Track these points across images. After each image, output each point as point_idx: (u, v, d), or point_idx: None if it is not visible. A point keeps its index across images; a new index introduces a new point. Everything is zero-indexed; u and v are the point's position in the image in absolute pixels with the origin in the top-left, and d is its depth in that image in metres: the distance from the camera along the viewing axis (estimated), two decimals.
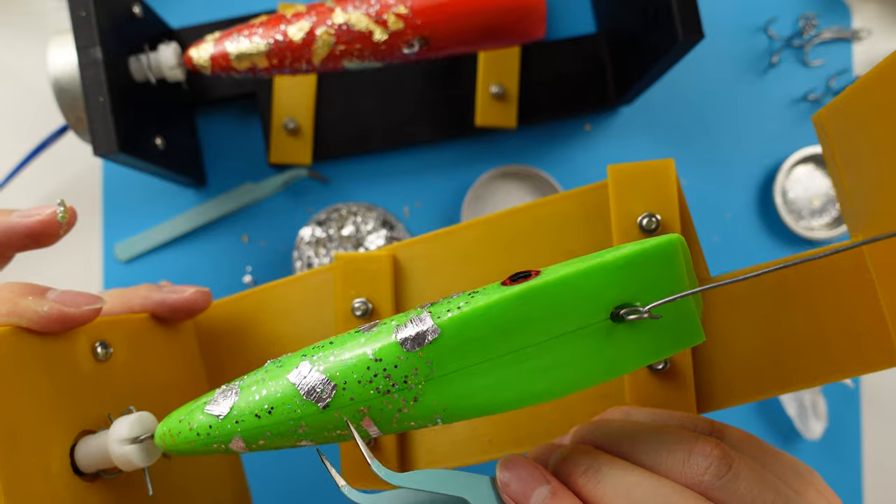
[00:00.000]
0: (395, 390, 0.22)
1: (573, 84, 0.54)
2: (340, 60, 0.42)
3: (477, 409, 0.22)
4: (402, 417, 0.23)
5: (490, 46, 0.45)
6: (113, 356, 0.29)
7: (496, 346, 0.22)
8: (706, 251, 0.33)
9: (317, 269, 0.35)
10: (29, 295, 0.25)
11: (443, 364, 0.22)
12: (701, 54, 0.56)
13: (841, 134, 0.27)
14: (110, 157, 0.42)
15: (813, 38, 0.56)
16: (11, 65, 0.57)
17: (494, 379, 0.22)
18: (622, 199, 0.30)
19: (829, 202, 0.55)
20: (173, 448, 0.25)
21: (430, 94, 0.54)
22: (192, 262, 0.55)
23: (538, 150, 0.56)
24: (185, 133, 0.53)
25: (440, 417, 0.22)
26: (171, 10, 0.56)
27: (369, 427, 0.23)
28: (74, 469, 0.26)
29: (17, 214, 0.27)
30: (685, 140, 0.56)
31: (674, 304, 0.23)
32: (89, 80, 0.41)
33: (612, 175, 0.30)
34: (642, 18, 0.46)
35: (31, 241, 0.27)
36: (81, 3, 0.40)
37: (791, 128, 0.56)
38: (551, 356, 0.22)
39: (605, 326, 0.22)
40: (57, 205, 0.27)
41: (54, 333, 0.26)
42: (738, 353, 0.30)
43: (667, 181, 0.30)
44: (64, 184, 0.56)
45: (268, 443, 0.24)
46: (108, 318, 0.29)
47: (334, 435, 0.23)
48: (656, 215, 0.29)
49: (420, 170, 0.56)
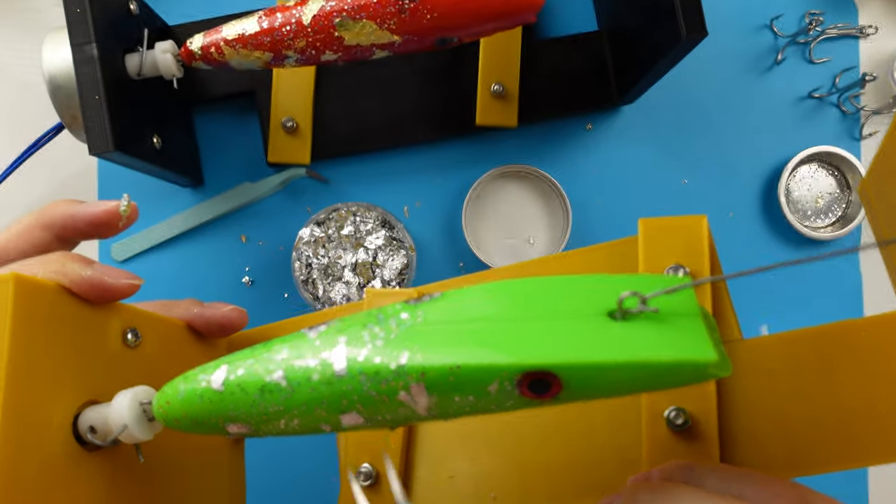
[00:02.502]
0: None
1: (574, 83, 0.53)
2: (331, 19, 0.41)
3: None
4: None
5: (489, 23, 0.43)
6: (141, 346, 0.30)
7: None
8: None
9: (351, 304, 0.36)
10: (77, 261, 0.27)
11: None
12: (704, 52, 0.55)
13: (880, 194, 0.26)
14: (106, 157, 0.41)
15: (819, 35, 0.55)
16: (6, 62, 0.57)
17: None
18: (651, 252, 0.29)
19: (834, 202, 0.55)
20: (170, 412, 0.25)
21: (430, 93, 0.54)
22: (190, 262, 0.54)
23: (539, 150, 0.55)
24: (183, 132, 0.53)
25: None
26: (168, 7, 0.55)
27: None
28: (76, 436, 0.26)
29: (85, 204, 0.31)
30: (688, 139, 0.56)
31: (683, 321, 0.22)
32: (84, 77, 0.40)
33: (643, 228, 0.30)
34: (644, 16, 0.45)
35: (93, 230, 0.31)
36: (76, 0, 0.40)
37: (796, 126, 0.55)
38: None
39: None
40: (121, 199, 0.31)
41: (92, 301, 0.28)
42: (774, 424, 0.27)
43: (698, 235, 0.29)
44: (59, 183, 0.56)
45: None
46: (145, 312, 0.31)
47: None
48: (684, 267, 0.29)
49: (420, 170, 0.55)
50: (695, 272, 0.28)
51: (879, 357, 0.25)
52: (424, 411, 0.22)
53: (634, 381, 0.21)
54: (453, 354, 0.21)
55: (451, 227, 0.55)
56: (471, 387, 0.21)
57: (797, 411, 0.27)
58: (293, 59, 0.42)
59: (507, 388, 0.21)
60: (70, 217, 0.30)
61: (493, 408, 0.22)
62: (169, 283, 0.54)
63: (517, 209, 0.54)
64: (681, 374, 0.21)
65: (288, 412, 0.23)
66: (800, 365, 0.27)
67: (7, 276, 0.24)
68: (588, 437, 0.31)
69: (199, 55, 0.42)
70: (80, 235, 0.31)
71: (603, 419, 0.31)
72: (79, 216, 0.30)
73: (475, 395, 0.21)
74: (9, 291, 0.24)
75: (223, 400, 0.23)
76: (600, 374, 0.21)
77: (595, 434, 0.31)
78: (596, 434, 0.31)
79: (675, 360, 0.21)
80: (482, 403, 0.21)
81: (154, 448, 0.30)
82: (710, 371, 0.21)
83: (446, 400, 0.21)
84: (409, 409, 0.22)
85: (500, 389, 0.21)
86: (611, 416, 0.30)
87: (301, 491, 0.53)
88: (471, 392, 0.21)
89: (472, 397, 0.21)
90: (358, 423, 0.23)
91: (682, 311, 0.23)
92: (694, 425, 0.28)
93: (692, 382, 0.22)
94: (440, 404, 0.21)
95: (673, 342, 0.21)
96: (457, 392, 0.21)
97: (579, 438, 0.31)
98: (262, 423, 0.23)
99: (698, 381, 0.22)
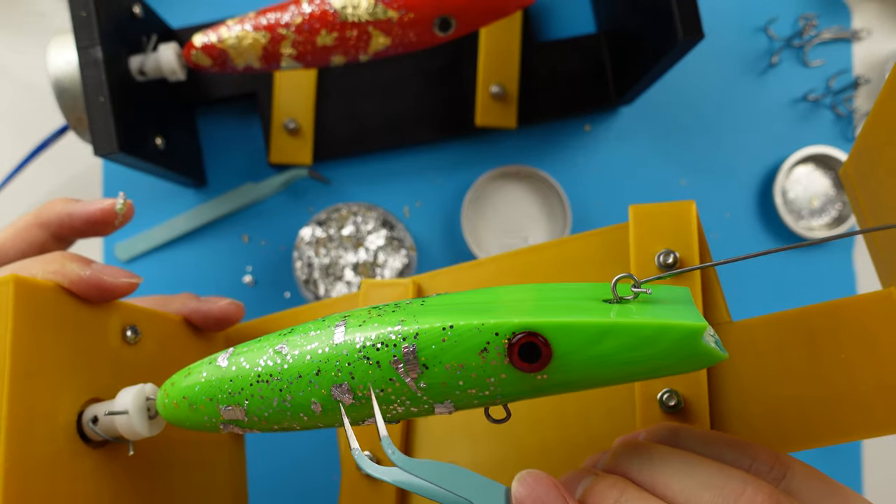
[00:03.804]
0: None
1: (573, 84, 0.54)
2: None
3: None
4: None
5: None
6: (140, 343, 0.31)
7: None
8: None
9: (347, 295, 0.36)
10: (76, 261, 0.28)
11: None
12: (701, 54, 0.56)
13: (863, 178, 0.27)
14: (111, 157, 0.42)
15: (813, 39, 0.56)
16: (12, 65, 0.57)
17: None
18: (641, 237, 0.30)
19: (829, 202, 0.56)
20: (172, 393, 0.25)
21: (430, 94, 0.54)
22: (193, 261, 0.55)
23: (538, 151, 0.56)
24: (186, 133, 0.53)
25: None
26: (172, 10, 0.56)
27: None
28: (80, 433, 0.27)
29: (81, 203, 0.31)
30: (685, 140, 0.56)
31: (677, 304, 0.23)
32: (90, 80, 0.41)
33: (633, 214, 0.30)
34: (642, 18, 0.46)
35: (90, 228, 0.31)
36: (82, 4, 0.40)
37: (791, 128, 0.56)
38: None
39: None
40: (117, 197, 0.31)
41: (92, 300, 0.28)
42: (763, 403, 0.28)
43: (687, 221, 0.29)
44: (64, 184, 0.56)
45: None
46: (144, 309, 0.32)
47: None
48: (674, 252, 0.29)
49: (420, 170, 0.56)
50: (684, 256, 0.29)
51: (863, 336, 0.26)
52: (413, 384, 0.22)
53: (628, 357, 0.21)
54: (446, 319, 0.21)
55: (451, 227, 0.55)
56: (461, 350, 0.21)
57: (785, 390, 0.28)
58: (289, 42, 0.42)
59: (497, 354, 0.21)
60: (67, 215, 0.31)
61: (485, 385, 0.22)
62: (171, 283, 0.55)
63: (516, 209, 0.55)
64: (674, 348, 0.21)
65: (284, 383, 0.23)
66: (787, 345, 0.28)
67: (7, 277, 0.25)
68: (584, 419, 0.31)
69: (199, 46, 0.43)
70: (76, 234, 0.32)
71: (598, 403, 0.31)
72: (76, 214, 0.31)
73: (466, 361, 0.21)
74: (9, 293, 0.24)
75: (224, 376, 0.24)
76: (590, 342, 0.21)
77: (590, 417, 0.31)
78: (591, 417, 0.31)
79: (664, 323, 0.21)
80: (473, 378, 0.21)
81: (156, 444, 0.30)
82: (704, 349, 0.21)
83: (437, 371, 0.21)
84: (401, 382, 0.22)
85: (491, 356, 0.21)
86: (606, 399, 0.31)
87: (302, 488, 0.53)
88: (462, 358, 0.21)
89: (463, 366, 0.21)
90: (349, 401, 0.23)
91: (678, 299, 0.24)
92: (686, 406, 0.29)
93: (690, 366, 0.21)
94: (430, 376, 0.22)
95: (664, 314, 0.22)
96: (448, 357, 0.21)
97: (575, 420, 0.32)
98: (256, 403, 0.24)
99: (695, 363, 0.21)
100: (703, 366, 0.21)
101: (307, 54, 0.43)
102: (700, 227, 0.30)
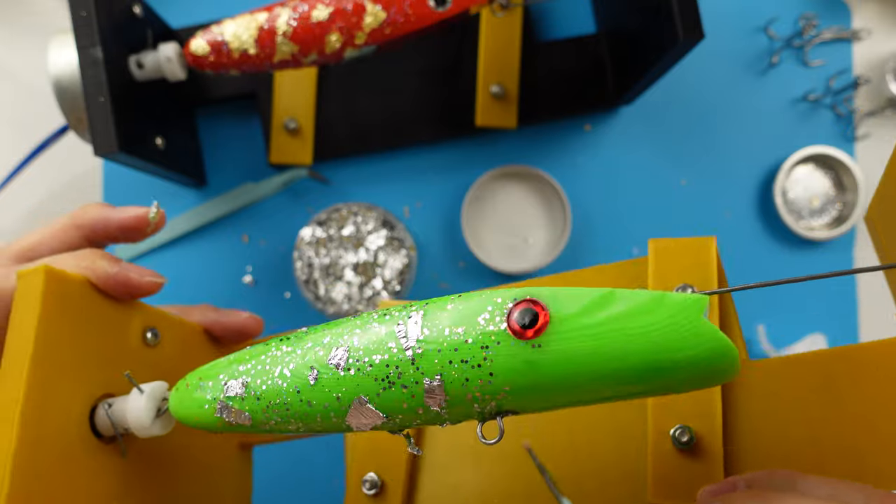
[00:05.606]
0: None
1: (573, 84, 0.54)
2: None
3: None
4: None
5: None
6: (160, 345, 0.32)
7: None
8: None
9: (369, 313, 0.37)
10: (106, 258, 0.29)
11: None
12: (701, 54, 0.56)
13: (885, 223, 0.27)
14: (111, 158, 0.42)
15: (813, 39, 0.56)
16: (12, 65, 0.57)
17: None
18: (660, 272, 0.29)
19: (829, 202, 0.56)
20: (182, 397, 0.26)
21: (430, 94, 0.54)
22: (193, 262, 0.55)
23: (538, 151, 0.56)
24: (186, 133, 0.53)
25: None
26: (172, 9, 0.56)
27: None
28: (93, 428, 0.28)
29: (116, 209, 0.32)
30: (685, 140, 0.56)
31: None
32: (90, 80, 0.41)
33: (653, 249, 0.30)
34: (642, 18, 0.46)
35: (123, 234, 0.32)
36: (82, 3, 0.40)
37: (791, 128, 0.56)
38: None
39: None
40: (151, 206, 0.32)
41: (117, 297, 0.29)
42: (778, 445, 0.27)
43: (707, 257, 0.29)
44: (64, 184, 0.56)
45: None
46: (166, 313, 0.33)
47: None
48: (692, 287, 0.29)
49: (420, 170, 0.56)
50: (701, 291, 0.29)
51: (881, 381, 0.26)
52: (415, 341, 0.22)
53: (625, 327, 0.20)
54: (457, 299, 0.22)
55: (451, 227, 0.55)
56: (462, 315, 0.22)
57: (800, 432, 0.27)
58: (285, 18, 0.41)
59: (495, 319, 0.21)
60: (103, 220, 0.32)
61: (479, 356, 0.21)
62: (172, 283, 0.55)
63: (517, 209, 0.55)
64: (673, 320, 0.20)
65: (286, 350, 0.24)
66: (803, 386, 0.27)
67: (39, 267, 0.26)
68: (593, 451, 0.31)
69: (199, 35, 0.42)
70: (109, 238, 0.33)
71: (608, 437, 0.31)
72: (111, 220, 0.32)
73: (466, 326, 0.21)
74: (39, 282, 0.26)
75: (236, 359, 0.25)
76: (586, 310, 0.20)
77: (599, 450, 0.31)
78: (600, 450, 0.31)
79: (663, 293, 0.20)
80: (469, 345, 0.21)
81: (166, 445, 0.31)
82: (706, 326, 0.20)
83: (437, 337, 0.22)
84: (399, 349, 0.22)
85: (490, 320, 0.21)
86: (616, 432, 0.31)
87: (307, 496, 0.53)
88: (461, 322, 0.21)
89: (462, 329, 0.21)
90: (344, 360, 0.22)
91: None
92: (698, 443, 0.28)
93: (692, 347, 0.20)
94: (430, 341, 0.22)
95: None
96: (450, 322, 0.22)
97: (585, 452, 0.31)
98: (258, 381, 0.24)
99: (697, 344, 0.20)
100: (707, 352, 0.20)
101: (302, 31, 0.41)
102: (720, 262, 0.29)
